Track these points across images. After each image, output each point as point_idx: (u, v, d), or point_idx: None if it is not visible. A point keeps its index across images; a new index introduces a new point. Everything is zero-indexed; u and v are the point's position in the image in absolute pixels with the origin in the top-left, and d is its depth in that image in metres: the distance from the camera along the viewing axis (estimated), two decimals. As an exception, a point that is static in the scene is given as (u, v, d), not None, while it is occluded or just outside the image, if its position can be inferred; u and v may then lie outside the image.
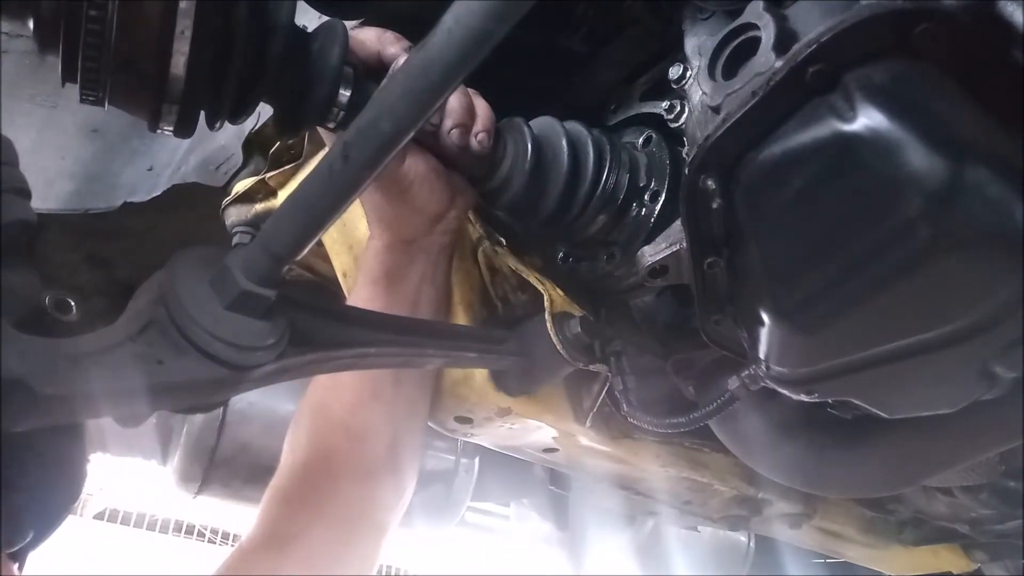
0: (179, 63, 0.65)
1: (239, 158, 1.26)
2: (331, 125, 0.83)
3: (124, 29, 0.63)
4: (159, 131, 0.71)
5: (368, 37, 0.89)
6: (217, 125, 0.76)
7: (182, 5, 0.63)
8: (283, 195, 1.20)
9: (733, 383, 0.88)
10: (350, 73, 0.81)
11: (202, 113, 0.75)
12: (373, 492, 1.00)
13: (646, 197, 0.96)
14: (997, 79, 0.64)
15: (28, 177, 0.65)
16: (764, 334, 0.77)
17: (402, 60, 0.87)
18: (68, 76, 0.68)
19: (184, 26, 0.64)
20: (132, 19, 0.63)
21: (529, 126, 0.95)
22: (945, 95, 0.64)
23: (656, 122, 0.96)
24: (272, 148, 1.22)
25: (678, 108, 0.84)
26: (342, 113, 0.81)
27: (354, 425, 1.00)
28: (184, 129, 0.72)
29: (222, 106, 0.74)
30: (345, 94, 0.80)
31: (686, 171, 0.74)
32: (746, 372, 0.86)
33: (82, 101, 0.70)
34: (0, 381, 0.52)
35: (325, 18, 0.92)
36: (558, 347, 0.93)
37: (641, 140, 1.00)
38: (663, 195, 0.94)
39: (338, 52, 0.78)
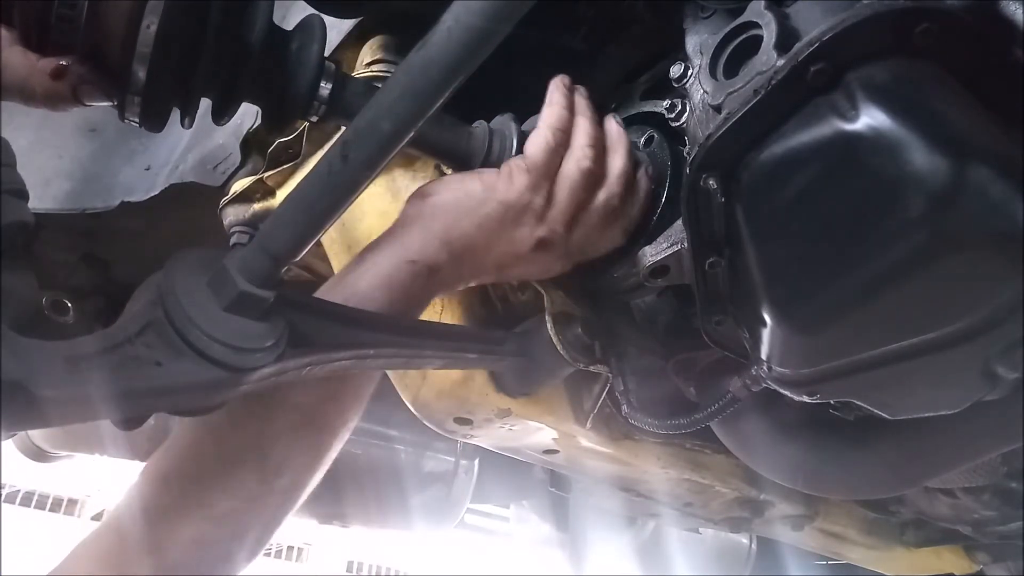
0: (143, 56, 0.68)
1: (237, 157, 1.26)
2: (313, 118, 0.84)
3: (94, 17, 0.67)
4: (126, 121, 0.75)
5: None
6: (187, 123, 0.79)
7: (151, 3, 0.67)
8: (281, 194, 1.20)
9: (735, 384, 0.87)
10: (331, 68, 0.82)
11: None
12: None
13: (647, 197, 0.95)
14: (998, 78, 0.63)
15: (25, 177, 0.65)
16: (766, 335, 0.77)
17: None
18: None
19: (150, 21, 0.67)
20: (102, 9, 0.67)
21: (516, 121, 0.95)
22: (947, 94, 0.64)
23: (657, 121, 0.96)
24: (270, 147, 1.21)
25: (679, 107, 0.84)
26: (323, 107, 0.82)
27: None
28: (150, 122, 0.74)
29: (191, 103, 0.76)
30: (326, 87, 0.81)
31: (687, 170, 0.73)
32: (748, 373, 0.85)
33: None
34: (-1, 384, 0.51)
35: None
36: (558, 348, 0.92)
37: (642, 140, 1.00)
38: (664, 195, 0.94)
39: (316, 49, 0.79)
